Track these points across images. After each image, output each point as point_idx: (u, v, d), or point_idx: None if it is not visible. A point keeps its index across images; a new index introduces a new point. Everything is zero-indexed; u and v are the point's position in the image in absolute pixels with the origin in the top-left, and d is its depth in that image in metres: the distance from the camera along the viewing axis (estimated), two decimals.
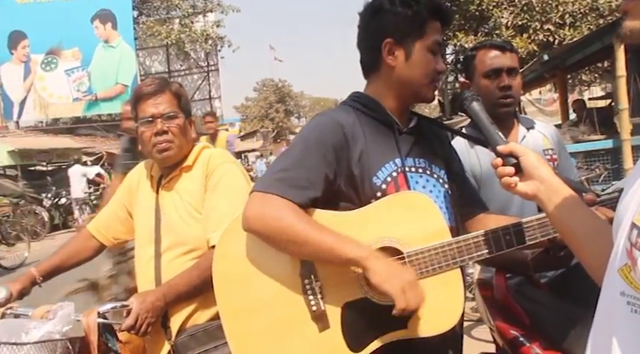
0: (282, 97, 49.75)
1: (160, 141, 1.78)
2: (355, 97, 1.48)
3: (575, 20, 10.57)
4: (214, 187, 1.76)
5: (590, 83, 17.04)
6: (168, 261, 1.77)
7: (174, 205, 1.82)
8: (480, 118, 1.29)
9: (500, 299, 1.76)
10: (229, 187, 1.76)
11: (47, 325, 1.46)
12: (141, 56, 26.16)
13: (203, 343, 1.70)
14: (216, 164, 1.80)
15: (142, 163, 2.03)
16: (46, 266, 1.93)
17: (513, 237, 1.33)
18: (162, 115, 1.79)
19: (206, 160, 1.82)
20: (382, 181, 1.37)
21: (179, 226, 1.78)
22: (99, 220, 2.04)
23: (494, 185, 1.91)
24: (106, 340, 1.62)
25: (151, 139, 1.79)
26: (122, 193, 2.02)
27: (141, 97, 1.81)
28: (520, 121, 2.10)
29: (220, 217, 1.66)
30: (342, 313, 1.29)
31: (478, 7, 11.34)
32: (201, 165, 1.82)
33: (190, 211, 1.78)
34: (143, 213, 1.90)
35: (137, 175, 2.00)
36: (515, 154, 1.12)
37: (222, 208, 1.70)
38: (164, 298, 1.67)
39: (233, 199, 1.69)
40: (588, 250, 0.96)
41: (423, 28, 1.38)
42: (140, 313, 1.63)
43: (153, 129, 1.78)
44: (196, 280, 1.67)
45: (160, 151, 1.80)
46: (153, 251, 1.81)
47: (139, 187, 1.96)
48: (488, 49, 2.01)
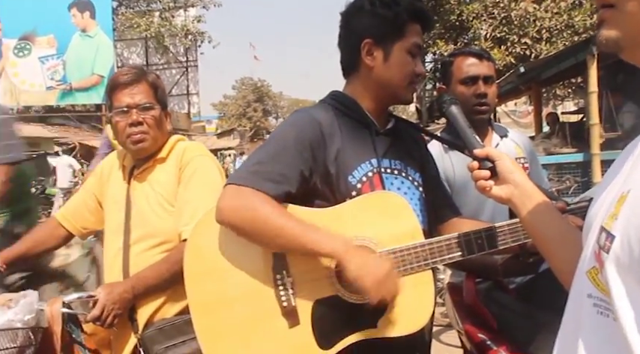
0: (260, 97, 49.57)
1: (135, 132, 1.75)
2: (334, 95, 1.48)
3: (551, 36, 10.80)
4: (188, 180, 1.73)
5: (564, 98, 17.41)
6: (137, 253, 1.74)
7: (145, 196, 1.78)
8: (458, 122, 1.30)
9: (469, 303, 1.78)
10: (203, 180, 1.73)
11: (8, 313, 1.43)
12: (119, 48, 25.74)
13: (171, 337, 1.66)
14: (191, 157, 1.77)
15: (114, 152, 2.00)
16: (10, 254, 1.88)
17: (485, 241, 1.35)
18: (137, 105, 1.76)
19: (180, 153, 1.79)
20: (358, 181, 1.37)
21: (150, 218, 1.75)
22: (67, 209, 2.00)
23: (467, 191, 1.94)
24: (71, 330, 1.58)
25: (125, 129, 1.75)
26: (92, 182, 1.98)
27: (117, 86, 1.77)
28: (494, 129, 2.13)
29: (193, 211, 1.64)
30: (312, 310, 1.29)
31: (458, 17, 11.48)
32: (175, 157, 1.79)
33: (162, 203, 1.75)
34: (113, 203, 1.86)
35: (109, 165, 1.96)
36: (491, 157, 1.14)
37: (195, 201, 1.67)
38: (132, 290, 1.64)
39: (206, 193, 1.66)
40: (558, 255, 0.98)
41: (403, 29, 1.39)
42: (107, 304, 1.59)
43: (128, 119, 1.75)
44: (166, 273, 1.65)
45: (135, 142, 1.76)
46: (122, 243, 1.77)
47: (110, 177, 1.92)
48: (465, 57, 2.04)
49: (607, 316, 0.70)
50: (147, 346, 1.68)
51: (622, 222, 0.69)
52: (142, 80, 1.79)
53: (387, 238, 1.31)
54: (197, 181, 1.73)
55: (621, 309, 0.67)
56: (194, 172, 1.74)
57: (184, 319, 1.63)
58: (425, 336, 1.48)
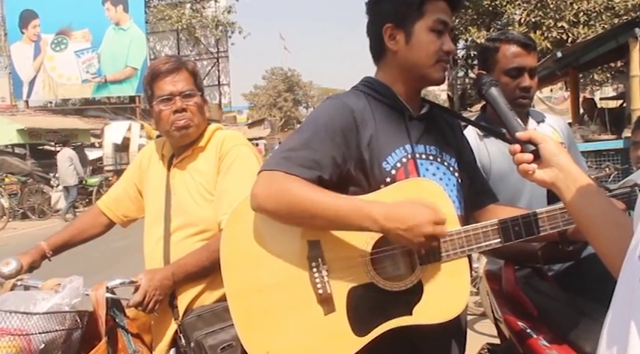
0: (290, 87, 49.68)
1: (179, 118, 1.77)
2: (366, 82, 1.47)
3: (589, 19, 10.48)
4: (227, 169, 1.75)
5: (602, 83, 16.91)
6: (177, 241, 1.77)
7: (185, 185, 1.80)
8: (499, 104, 1.27)
9: (508, 291, 1.75)
10: (242, 169, 1.74)
11: (56, 297, 1.47)
12: (151, 41, 26.12)
13: (210, 323, 1.69)
14: (231, 146, 1.78)
15: (153, 141, 2.03)
16: (56, 240, 1.94)
17: (522, 228, 1.32)
18: (180, 92, 1.78)
19: (220, 142, 1.80)
20: (392, 167, 1.36)
21: (189, 206, 1.77)
22: (109, 197, 2.04)
23: (503, 178, 1.91)
24: (114, 315, 1.62)
25: (169, 117, 1.77)
26: (133, 171, 2.02)
27: (158, 74, 1.79)
28: (530, 115, 2.08)
29: (232, 200, 1.63)
30: (347, 297, 1.29)
31: (491, 2, 11.25)
32: (215, 146, 1.81)
33: (202, 192, 1.77)
34: (153, 192, 1.89)
35: (148, 154, 1.99)
36: (534, 141, 1.10)
37: (235, 190, 1.68)
38: (172, 277, 1.67)
39: (246, 182, 1.65)
40: (605, 239, 0.95)
41: (421, 8, 1.36)
42: (148, 290, 1.63)
43: (172, 107, 1.77)
44: (206, 261, 1.67)
45: (179, 129, 1.78)
46: (162, 231, 1.80)
47: (149, 166, 1.95)
48: (512, 45, 1.95)
49: None
50: (187, 333, 1.71)
51: None
52: (183, 68, 1.80)
53: None
54: (236, 170, 1.74)
55: None
56: (233, 161, 1.75)
57: (223, 306, 1.63)
58: (461, 323, 1.47)
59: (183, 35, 27.60)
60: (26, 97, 21.90)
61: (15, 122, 16.15)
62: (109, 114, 23.21)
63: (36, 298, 1.47)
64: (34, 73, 21.55)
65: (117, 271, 5.28)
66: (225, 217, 1.62)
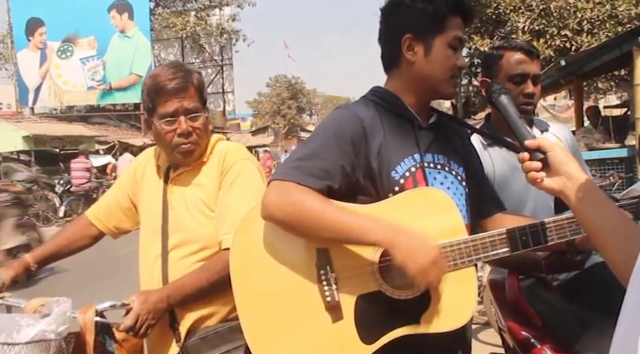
0: (294, 94, 49.76)
1: (185, 142, 1.65)
2: (375, 91, 1.48)
3: (593, 27, 10.48)
4: (230, 185, 1.65)
5: (606, 91, 16.89)
6: (176, 259, 1.66)
7: (184, 200, 1.69)
8: (509, 112, 1.28)
9: (512, 300, 1.75)
10: (245, 185, 1.65)
11: (41, 324, 1.36)
12: (156, 48, 26.27)
13: (215, 346, 1.60)
14: (234, 160, 1.68)
15: (148, 150, 1.91)
16: (42, 253, 1.83)
17: (530, 238, 1.32)
18: (187, 112, 1.65)
19: (222, 156, 1.70)
20: (401, 176, 1.37)
21: (188, 222, 1.67)
22: (99, 207, 1.92)
23: (507, 187, 1.92)
24: (103, 340, 1.51)
25: (173, 138, 1.65)
26: (126, 181, 1.89)
27: (163, 91, 1.64)
28: (534, 124, 2.10)
29: (235, 218, 1.54)
30: (355, 305, 1.30)
31: (495, 10, 11.27)
32: (217, 160, 1.70)
33: (201, 208, 1.67)
34: (149, 207, 1.77)
35: (142, 164, 1.86)
36: (542, 149, 1.11)
37: (238, 207, 1.56)
38: (167, 299, 1.56)
39: (249, 199, 1.57)
40: (615, 248, 0.96)
41: (443, 23, 1.38)
42: (141, 314, 1.51)
43: (177, 128, 1.64)
44: (205, 282, 1.58)
45: (184, 153, 1.67)
46: (160, 248, 1.69)
47: (144, 178, 1.82)
48: (515, 52, 1.98)
49: None
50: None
51: None
52: (190, 85, 1.66)
53: (430, 234, 1.30)
54: (239, 186, 1.65)
55: None
56: (237, 176, 1.65)
57: (229, 326, 1.60)
58: (466, 333, 1.47)
59: (187, 43, 27.75)
60: (32, 104, 22.04)
61: (20, 129, 16.22)
62: (113, 121, 23.33)
63: (20, 324, 1.35)
64: (40, 80, 21.70)
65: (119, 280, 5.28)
66: (227, 236, 1.57)
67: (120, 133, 21.85)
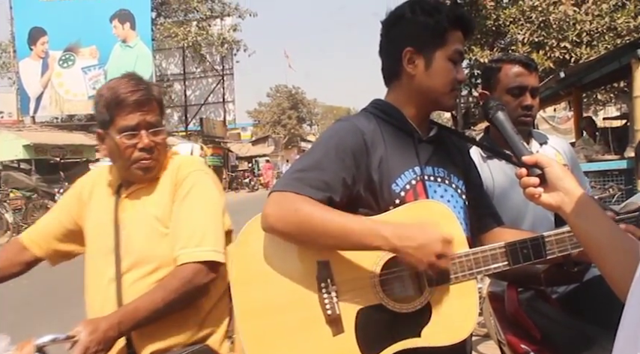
0: (295, 104, 49.93)
1: (146, 158, 1.57)
2: (376, 104, 1.49)
3: (592, 39, 10.52)
4: (183, 198, 1.57)
5: (606, 103, 16.94)
6: (131, 282, 1.54)
7: (136, 218, 1.60)
8: (505, 128, 1.29)
9: (511, 313, 1.75)
10: (200, 198, 1.57)
11: None
12: (157, 58, 26.39)
13: None
14: (187, 172, 1.60)
15: (93, 169, 1.79)
16: None
17: (531, 251, 1.33)
18: (149, 126, 1.57)
19: (176, 168, 1.62)
20: (401, 189, 1.38)
21: (142, 242, 1.57)
22: (35, 231, 1.75)
23: (506, 200, 1.92)
24: None
25: (133, 153, 1.56)
26: (70, 201, 1.75)
27: (125, 105, 1.54)
28: (533, 137, 2.11)
29: (191, 232, 1.51)
30: (356, 318, 1.30)
31: (495, 22, 11.31)
32: (170, 173, 1.62)
33: (155, 226, 1.57)
34: (99, 227, 1.64)
35: (89, 184, 1.73)
36: (540, 164, 1.12)
37: (193, 221, 1.53)
38: (119, 326, 1.40)
39: (204, 212, 1.55)
40: (613, 263, 0.96)
41: (444, 37, 1.39)
42: (90, 346, 1.34)
43: (137, 143, 1.55)
44: (160, 303, 1.44)
45: (144, 170, 1.59)
46: (113, 272, 1.56)
47: (92, 197, 1.70)
48: (514, 65, 2.00)
49: None
50: None
51: None
52: (152, 98, 1.59)
53: None
54: (194, 198, 1.57)
55: None
56: (191, 188, 1.57)
57: (193, 350, 1.52)
58: (467, 346, 1.47)
59: (189, 52, 27.88)
60: (33, 113, 22.10)
61: (21, 137, 16.26)
62: None
63: None
64: (42, 89, 21.77)
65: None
66: (182, 251, 1.50)
67: None
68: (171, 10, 27.44)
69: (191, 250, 1.50)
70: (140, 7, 22.23)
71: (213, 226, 1.55)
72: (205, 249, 1.50)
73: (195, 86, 30.57)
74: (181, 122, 30.37)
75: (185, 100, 29.96)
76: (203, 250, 1.50)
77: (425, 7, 1.41)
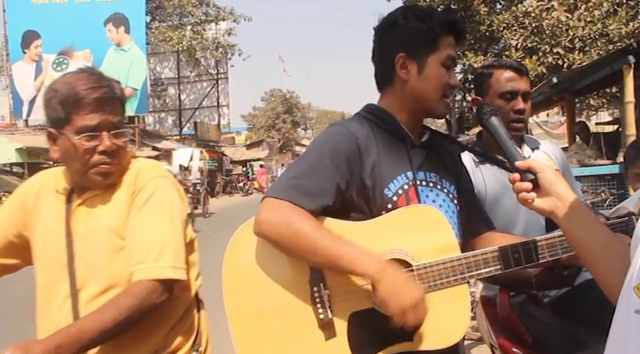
0: (289, 108, 49.96)
1: (107, 162, 1.42)
2: (369, 109, 1.50)
3: (584, 45, 10.62)
4: (141, 207, 1.43)
5: (598, 108, 17.06)
6: (88, 300, 1.40)
7: (91, 229, 1.44)
8: (499, 133, 1.30)
9: (503, 317, 1.76)
10: (160, 207, 1.44)
11: None
12: (152, 62, 26.36)
13: None
14: (147, 179, 1.46)
15: (39, 173, 1.61)
16: None
17: (522, 255, 1.34)
18: (112, 127, 1.43)
19: (134, 174, 1.48)
20: (393, 194, 1.38)
21: (98, 256, 1.42)
22: None
23: (498, 204, 1.94)
24: None
25: (92, 156, 1.41)
26: (13, 210, 1.54)
27: (85, 102, 1.39)
28: (525, 142, 2.12)
29: (147, 246, 1.38)
30: (349, 323, 1.30)
31: (488, 27, 11.41)
32: (129, 180, 1.47)
33: (111, 238, 1.42)
34: (49, 239, 1.47)
35: (35, 189, 1.54)
36: (533, 170, 1.13)
37: (150, 233, 1.39)
38: (57, 351, 1.19)
39: (164, 222, 1.42)
40: (604, 268, 0.97)
41: (436, 42, 1.40)
42: None
43: (98, 145, 1.41)
44: (110, 324, 1.26)
45: (104, 175, 1.44)
46: (68, 289, 1.41)
47: (38, 205, 1.51)
48: (505, 70, 2.03)
49: None
50: None
51: None
52: (115, 96, 1.45)
53: (423, 251, 1.32)
54: (152, 206, 1.43)
55: None
56: (150, 196, 1.43)
57: None
58: (459, 350, 1.47)
59: (183, 56, 27.88)
60: (26, 117, 21.99)
61: (14, 141, 16.20)
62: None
63: None
64: (35, 92, 21.65)
65: None
66: (140, 266, 1.36)
67: None
68: (165, 14, 27.44)
69: (147, 266, 1.36)
70: (135, 11, 22.19)
71: (173, 239, 1.42)
72: (163, 265, 1.37)
73: (189, 90, 30.56)
74: (175, 126, 30.34)
75: (179, 104, 29.94)
76: (160, 267, 1.37)
77: (417, 13, 1.42)
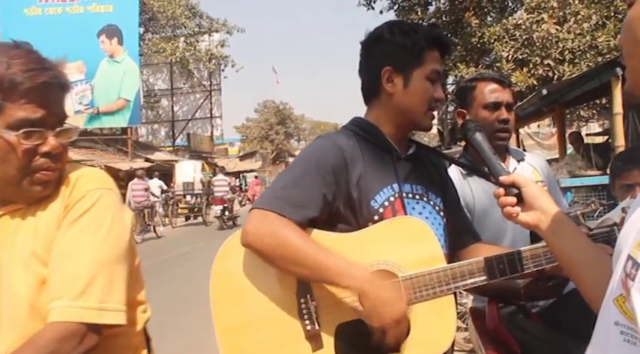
0: (282, 120, 50.07)
1: (50, 166, 1.14)
2: (356, 122, 1.52)
3: (574, 57, 10.73)
4: (71, 224, 1.12)
5: (589, 119, 17.21)
6: (10, 344, 1.06)
7: (13, 254, 1.12)
8: (483, 149, 1.32)
9: (492, 328, 1.77)
10: (97, 225, 1.13)
11: None
12: (145, 73, 26.38)
13: None
14: (86, 191, 1.16)
15: None
16: None
17: (507, 266, 1.35)
18: (57, 123, 1.14)
19: (70, 185, 1.17)
20: (380, 205, 1.40)
21: (14, 294, 1.09)
22: None
23: (487, 216, 1.95)
24: None
25: (31, 160, 1.11)
26: None
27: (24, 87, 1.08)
28: (510, 153, 2.15)
29: (72, 275, 1.07)
30: (335, 334, 1.31)
31: (480, 39, 11.51)
32: (63, 191, 1.17)
33: (33, 265, 1.11)
34: None
35: None
36: (517, 184, 1.15)
37: (77, 258, 1.09)
38: None
39: (96, 246, 1.11)
40: (588, 280, 0.99)
41: (422, 56, 1.43)
42: None
43: (40, 145, 1.12)
44: None
45: (44, 184, 1.14)
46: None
47: None
48: (488, 82, 2.06)
49: (634, 344, 0.71)
50: None
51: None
52: (64, 84, 1.18)
53: (409, 262, 1.33)
54: (86, 225, 1.12)
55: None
56: (85, 211, 1.13)
57: None
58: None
59: (176, 68, 27.94)
60: None
61: None
62: (100, 145, 23.23)
63: None
64: None
65: None
66: (58, 303, 1.05)
67: (107, 157, 21.74)
68: (159, 26, 27.52)
69: (65, 304, 1.05)
70: (128, 23, 22.23)
71: (107, 270, 1.11)
72: (86, 305, 1.06)
73: (182, 102, 30.58)
74: (168, 137, 30.30)
75: (172, 116, 29.94)
76: (82, 307, 1.06)
77: (403, 28, 1.45)
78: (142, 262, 1.35)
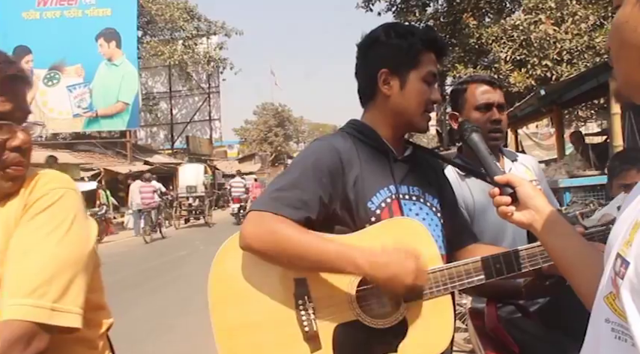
0: (281, 122, 50.07)
1: (19, 162, 1.12)
2: (352, 124, 1.52)
3: (572, 57, 10.75)
4: (29, 220, 1.08)
5: (587, 119, 17.23)
6: None
7: None
8: (480, 149, 1.33)
9: (491, 329, 1.77)
10: (55, 223, 1.08)
11: None
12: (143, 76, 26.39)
13: None
14: (47, 189, 1.12)
15: None
16: None
17: (503, 266, 1.36)
18: (23, 117, 1.13)
19: (31, 185, 1.14)
20: (377, 207, 1.40)
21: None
22: None
23: (486, 216, 1.95)
24: None
25: (2, 154, 1.10)
26: None
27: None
28: (504, 154, 2.17)
29: (27, 273, 1.02)
30: (334, 335, 1.31)
31: (478, 40, 11.52)
32: (23, 190, 1.13)
33: None
34: None
35: None
36: (511, 184, 1.16)
37: (34, 255, 1.04)
38: None
39: (55, 246, 1.06)
40: (582, 279, 0.99)
41: (418, 59, 1.44)
42: None
43: (9, 139, 1.10)
44: None
45: (13, 179, 1.12)
46: None
47: None
48: (479, 84, 2.08)
49: (625, 341, 0.71)
50: None
51: (635, 249, 0.70)
52: (25, 78, 1.15)
53: None
54: (45, 222, 1.08)
55: (638, 335, 0.68)
56: (45, 208, 1.09)
57: None
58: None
59: (175, 71, 27.98)
60: None
61: None
62: (99, 148, 23.24)
63: None
64: None
65: None
66: (13, 301, 1.00)
67: (105, 160, 21.76)
68: (157, 29, 27.56)
69: (18, 302, 1.00)
70: (126, 26, 22.27)
71: (66, 270, 1.06)
72: (39, 303, 1.00)
73: (181, 104, 30.62)
74: (167, 140, 30.32)
75: (171, 119, 29.96)
76: (35, 305, 1.00)
77: (399, 30, 1.46)
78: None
